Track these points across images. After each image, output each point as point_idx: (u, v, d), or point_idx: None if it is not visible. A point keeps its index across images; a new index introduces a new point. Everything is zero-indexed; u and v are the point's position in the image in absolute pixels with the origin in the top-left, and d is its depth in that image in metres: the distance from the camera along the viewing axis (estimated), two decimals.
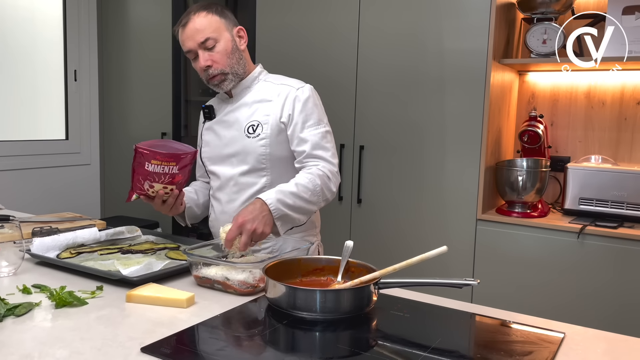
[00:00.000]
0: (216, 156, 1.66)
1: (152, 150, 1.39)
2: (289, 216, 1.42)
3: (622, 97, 2.40)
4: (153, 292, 1.15)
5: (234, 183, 1.62)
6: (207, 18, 1.56)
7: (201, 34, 1.54)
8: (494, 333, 1.07)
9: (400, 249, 2.46)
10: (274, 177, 1.59)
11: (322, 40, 2.60)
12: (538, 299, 2.16)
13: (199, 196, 1.74)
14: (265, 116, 1.58)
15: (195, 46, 1.56)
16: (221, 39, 1.57)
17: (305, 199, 1.45)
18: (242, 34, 1.64)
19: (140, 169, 1.40)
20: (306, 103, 1.57)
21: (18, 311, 1.03)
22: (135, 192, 1.45)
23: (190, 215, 1.70)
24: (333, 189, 1.53)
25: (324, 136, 1.56)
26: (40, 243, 1.41)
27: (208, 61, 1.56)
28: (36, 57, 3.27)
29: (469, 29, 2.25)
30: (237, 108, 1.64)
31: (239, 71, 1.62)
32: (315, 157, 1.54)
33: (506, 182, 2.32)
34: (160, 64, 3.21)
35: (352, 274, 1.21)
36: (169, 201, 1.50)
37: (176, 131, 3.17)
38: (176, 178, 1.45)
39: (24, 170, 3.14)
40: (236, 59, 1.60)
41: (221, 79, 1.59)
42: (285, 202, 1.41)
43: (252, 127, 1.59)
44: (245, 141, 1.59)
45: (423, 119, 2.38)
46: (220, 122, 1.67)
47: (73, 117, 3.43)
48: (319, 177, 1.49)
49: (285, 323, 1.05)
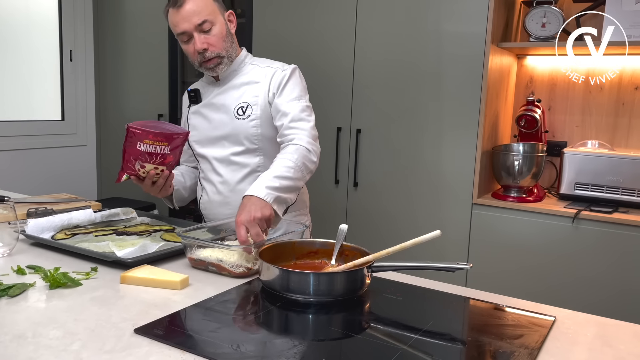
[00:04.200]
0: (205, 139, 1.66)
1: (144, 130, 1.39)
2: (281, 197, 1.41)
3: (620, 82, 2.39)
4: (147, 273, 1.15)
5: (227, 163, 1.63)
6: (203, 0, 1.54)
7: (198, 16, 1.53)
8: (486, 316, 1.08)
9: (395, 232, 2.47)
10: (266, 156, 1.60)
11: (319, 24, 2.58)
12: (532, 283, 2.17)
13: (186, 179, 1.75)
14: (254, 97, 1.59)
15: (191, 28, 1.54)
16: (217, 22, 1.56)
17: (290, 177, 1.42)
18: (232, 18, 1.64)
19: (132, 148, 1.40)
20: (288, 80, 1.59)
21: (12, 292, 1.04)
22: (125, 172, 1.45)
23: (178, 197, 1.71)
24: (314, 159, 1.51)
25: (303, 109, 1.56)
26: (35, 224, 1.42)
27: (205, 44, 1.55)
28: (32, 38, 3.24)
29: (468, 12, 2.23)
30: (225, 91, 1.64)
31: (233, 55, 1.62)
32: (293, 129, 1.53)
33: (502, 167, 2.32)
34: (156, 45, 3.18)
35: (346, 257, 1.22)
36: (158, 182, 1.50)
37: (172, 112, 3.16)
38: (167, 159, 1.45)
39: (19, 151, 3.13)
40: (230, 42, 1.61)
41: (217, 62, 1.59)
42: (273, 186, 1.38)
43: (242, 108, 1.60)
44: (236, 123, 1.59)
45: (420, 103, 2.37)
46: (209, 105, 1.66)
47: (69, 98, 3.41)
48: (296, 151, 1.47)
49: (278, 305, 1.05)
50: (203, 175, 1.71)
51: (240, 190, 1.61)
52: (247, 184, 1.61)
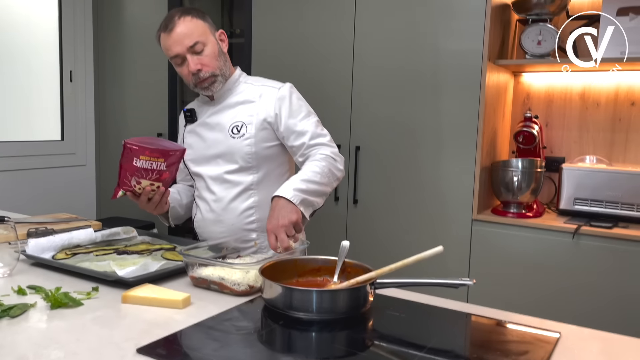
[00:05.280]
0: (200, 157, 1.67)
1: (141, 146, 1.40)
2: (308, 200, 1.46)
3: (616, 98, 2.41)
4: (149, 293, 1.14)
5: (221, 182, 1.64)
6: (193, 22, 1.56)
7: (189, 38, 1.55)
8: (490, 333, 1.07)
9: (396, 249, 2.46)
10: (260, 175, 1.63)
11: (318, 42, 2.60)
12: (533, 299, 2.16)
13: (182, 197, 1.76)
14: (249, 116, 1.61)
15: (183, 51, 1.55)
16: (208, 43, 1.58)
17: (317, 182, 1.48)
18: (223, 37, 1.67)
19: (128, 164, 1.41)
20: (291, 100, 1.61)
21: (13, 312, 1.03)
22: (121, 188, 1.45)
23: (173, 215, 1.72)
24: (340, 167, 1.57)
25: (317, 125, 1.61)
26: (35, 244, 1.41)
27: (198, 65, 1.57)
28: (32, 58, 3.26)
29: (464, 30, 2.26)
30: (219, 110, 1.66)
31: (227, 73, 1.64)
32: (315, 146, 1.58)
33: (501, 183, 2.33)
34: (156, 64, 3.20)
35: (349, 274, 1.21)
36: (154, 199, 1.51)
37: (172, 131, 3.16)
38: (163, 175, 1.46)
39: (19, 171, 3.13)
40: (223, 61, 1.63)
41: (211, 81, 1.61)
42: (300, 188, 1.44)
43: (237, 127, 1.61)
44: (230, 141, 1.61)
45: (419, 120, 2.39)
46: (203, 125, 1.68)
47: (68, 118, 3.42)
48: (323, 159, 1.53)
49: (281, 323, 1.05)
50: (197, 194, 1.72)
51: (232, 208, 1.62)
52: (239, 202, 1.62)
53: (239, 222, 1.63)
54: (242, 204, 1.62)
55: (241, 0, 2.98)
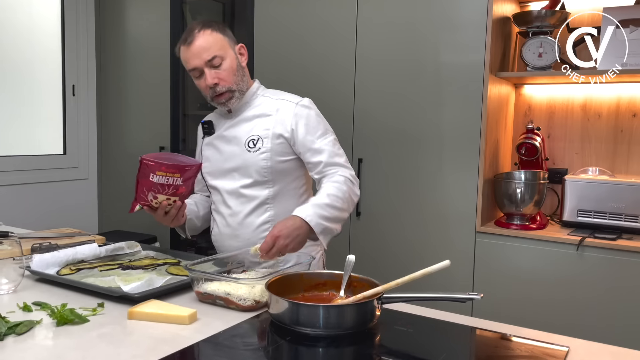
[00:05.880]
0: (217, 171, 1.67)
1: (157, 162, 1.41)
2: (328, 228, 1.47)
3: (617, 109, 2.42)
4: (155, 308, 1.14)
5: (237, 196, 1.63)
6: (213, 36, 1.56)
7: (208, 52, 1.55)
8: (499, 348, 1.07)
9: (399, 262, 2.45)
10: (276, 189, 1.62)
11: (320, 55, 2.61)
12: (538, 312, 2.15)
13: (199, 208, 1.75)
14: (265, 130, 1.60)
15: (201, 64, 1.56)
16: (227, 57, 1.58)
17: (339, 208, 1.49)
18: (243, 51, 1.66)
19: (145, 180, 1.42)
20: (308, 116, 1.61)
21: (19, 329, 1.03)
22: (138, 202, 1.47)
23: (190, 227, 1.71)
24: (357, 191, 1.58)
25: (334, 144, 1.61)
26: (39, 259, 1.41)
27: (215, 79, 1.57)
28: (35, 72, 3.27)
29: (466, 43, 2.27)
30: (236, 123, 1.66)
31: (244, 88, 1.64)
32: (333, 165, 1.57)
33: (504, 195, 2.33)
34: (158, 78, 3.22)
35: (355, 289, 1.21)
36: (171, 212, 1.52)
37: (174, 145, 3.17)
38: (179, 190, 1.47)
39: (21, 185, 3.13)
40: (240, 76, 1.63)
41: (228, 97, 1.61)
42: (324, 216, 1.45)
43: (253, 141, 1.61)
44: (246, 155, 1.60)
45: (421, 132, 2.39)
46: (221, 138, 1.68)
47: (71, 132, 3.42)
48: (344, 182, 1.53)
49: (288, 339, 1.04)
50: (214, 207, 1.71)
51: (248, 223, 1.62)
52: (255, 217, 1.62)
53: (255, 237, 1.61)
54: (258, 218, 1.62)
55: (242, 14, 3.01)
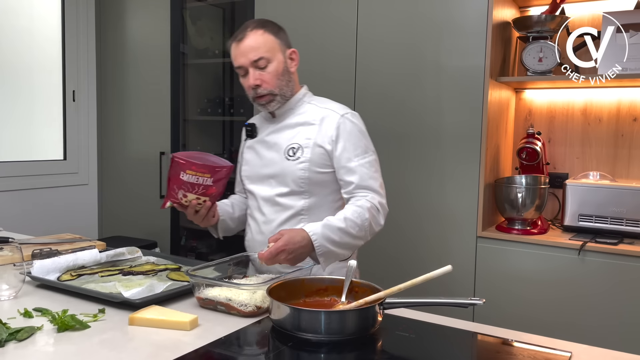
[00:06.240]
0: (255, 175, 1.65)
1: (188, 161, 1.43)
2: (332, 252, 1.43)
3: (618, 113, 2.42)
4: (156, 314, 1.14)
5: (272, 204, 1.60)
6: (264, 37, 1.54)
7: (254, 52, 1.53)
8: (500, 353, 1.06)
9: (401, 267, 2.45)
10: (313, 200, 1.58)
11: (320, 60, 2.62)
12: (540, 316, 2.15)
13: (235, 210, 1.74)
14: (307, 140, 1.57)
15: (247, 63, 1.54)
16: (274, 60, 1.55)
17: (352, 235, 1.45)
18: (294, 56, 1.62)
19: (176, 178, 1.44)
20: (352, 131, 1.56)
21: (20, 336, 1.02)
22: (169, 199, 1.48)
23: (223, 228, 1.69)
24: (381, 221, 1.53)
25: (372, 165, 1.56)
26: (40, 265, 1.40)
27: (258, 80, 1.54)
28: (35, 78, 3.28)
29: (466, 48, 2.27)
30: (279, 129, 1.63)
31: (287, 93, 1.60)
32: (364, 189, 1.53)
33: (505, 199, 2.33)
34: (158, 83, 3.22)
35: (356, 294, 1.21)
36: (201, 212, 1.52)
37: (174, 150, 3.17)
38: (210, 190, 1.47)
39: (22, 190, 3.13)
40: (285, 80, 1.58)
41: (269, 100, 1.58)
42: (331, 239, 1.41)
43: (293, 149, 1.57)
44: (285, 163, 1.57)
45: (422, 137, 2.39)
46: (262, 142, 1.65)
47: (71, 138, 3.42)
48: (368, 210, 1.48)
49: (290, 345, 1.04)
50: (249, 212, 1.69)
51: None
52: (288, 227, 1.57)
53: None
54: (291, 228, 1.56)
55: (243, 19, 3.01)
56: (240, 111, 3.07)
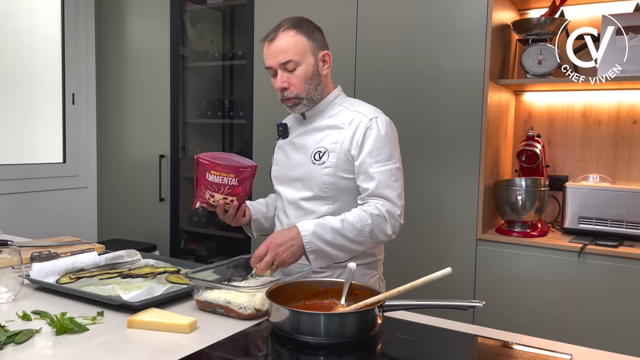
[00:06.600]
0: (282, 177, 1.64)
1: (211, 161, 1.45)
2: (324, 251, 1.40)
3: (617, 116, 2.42)
4: (155, 317, 1.13)
5: (296, 207, 1.59)
6: (295, 38, 1.51)
7: (283, 55, 1.50)
8: (500, 355, 1.06)
9: (401, 270, 2.44)
10: (337, 206, 1.54)
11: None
12: (540, 319, 2.14)
13: (269, 209, 1.72)
14: (334, 144, 1.53)
15: (275, 65, 1.52)
16: (303, 63, 1.52)
17: (349, 238, 1.41)
18: (327, 58, 1.58)
19: (202, 178, 1.46)
20: (378, 136, 1.51)
21: (18, 338, 1.02)
22: (198, 200, 1.51)
23: (257, 227, 1.69)
24: (388, 231, 1.46)
25: (392, 174, 1.49)
26: (39, 268, 1.40)
27: (285, 83, 1.52)
28: (34, 81, 3.28)
29: (465, 51, 2.27)
30: (308, 131, 1.60)
31: (315, 97, 1.56)
32: (378, 196, 1.48)
33: (505, 202, 2.32)
34: (158, 86, 3.22)
35: (356, 297, 1.20)
36: (229, 212, 1.53)
37: (174, 154, 3.17)
38: (236, 190, 1.48)
39: (21, 193, 3.13)
40: (314, 84, 1.55)
41: (295, 103, 1.55)
42: (323, 238, 1.39)
43: (319, 153, 1.54)
44: (310, 167, 1.55)
45: (422, 140, 2.39)
46: (291, 144, 1.63)
47: (71, 141, 3.42)
48: (372, 216, 1.43)
49: (289, 348, 1.04)
50: (277, 213, 1.68)
51: None
52: None
53: None
54: None
55: (242, 22, 3.02)
56: (240, 114, 3.07)
